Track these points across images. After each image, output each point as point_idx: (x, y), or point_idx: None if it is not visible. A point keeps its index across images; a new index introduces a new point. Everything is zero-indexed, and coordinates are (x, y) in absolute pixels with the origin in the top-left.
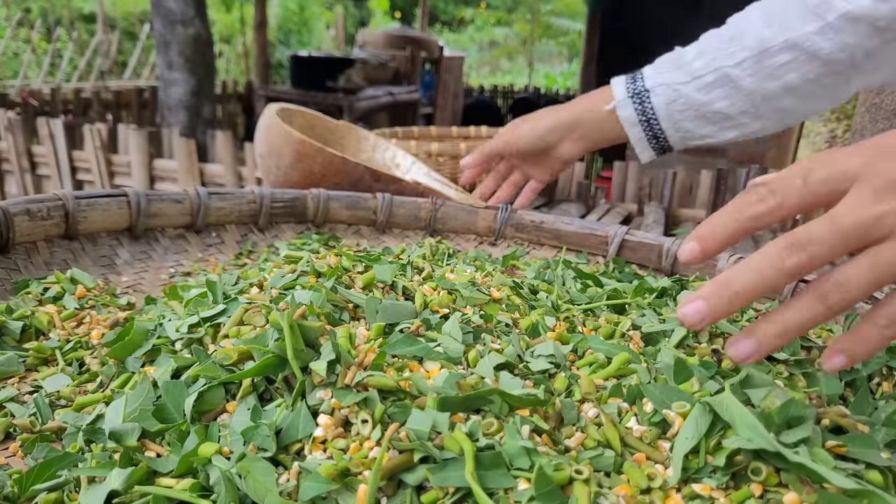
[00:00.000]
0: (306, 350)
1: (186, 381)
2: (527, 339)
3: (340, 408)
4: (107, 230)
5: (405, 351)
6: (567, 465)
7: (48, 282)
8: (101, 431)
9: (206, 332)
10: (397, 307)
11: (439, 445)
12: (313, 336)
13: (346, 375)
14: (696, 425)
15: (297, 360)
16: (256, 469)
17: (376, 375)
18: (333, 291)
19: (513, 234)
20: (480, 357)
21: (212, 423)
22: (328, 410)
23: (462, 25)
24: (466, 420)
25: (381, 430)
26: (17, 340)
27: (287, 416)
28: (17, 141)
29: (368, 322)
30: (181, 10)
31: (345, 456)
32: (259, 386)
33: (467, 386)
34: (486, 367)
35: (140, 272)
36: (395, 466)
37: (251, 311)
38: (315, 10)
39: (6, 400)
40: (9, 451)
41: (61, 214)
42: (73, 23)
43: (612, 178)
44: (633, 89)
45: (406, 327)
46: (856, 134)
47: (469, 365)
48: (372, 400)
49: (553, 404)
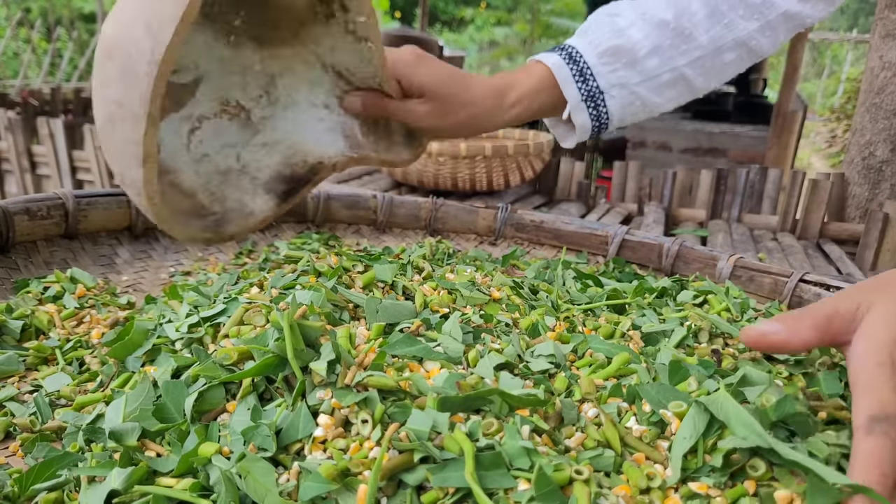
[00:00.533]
0: (306, 350)
1: (186, 381)
2: (527, 338)
3: (340, 408)
4: (107, 229)
5: (405, 351)
6: (567, 465)
7: (48, 281)
8: (100, 431)
9: (206, 332)
10: (397, 307)
11: (439, 445)
12: (314, 336)
13: (347, 375)
14: (694, 425)
15: (298, 359)
16: (256, 469)
17: (376, 375)
18: (334, 291)
19: (513, 233)
20: (480, 357)
21: (212, 423)
22: (328, 410)
23: (462, 25)
24: (466, 420)
25: (382, 430)
26: (17, 340)
27: (287, 416)
28: (17, 140)
29: (369, 322)
30: None
31: (345, 456)
32: (259, 386)
33: (467, 386)
34: (486, 367)
35: (140, 271)
36: (395, 466)
37: (251, 311)
38: None
39: (6, 399)
40: (9, 451)
41: (61, 213)
42: (73, 22)
43: (612, 178)
44: (587, 91)
45: (406, 327)
46: (856, 133)
47: (469, 365)
48: (372, 400)
49: (553, 404)
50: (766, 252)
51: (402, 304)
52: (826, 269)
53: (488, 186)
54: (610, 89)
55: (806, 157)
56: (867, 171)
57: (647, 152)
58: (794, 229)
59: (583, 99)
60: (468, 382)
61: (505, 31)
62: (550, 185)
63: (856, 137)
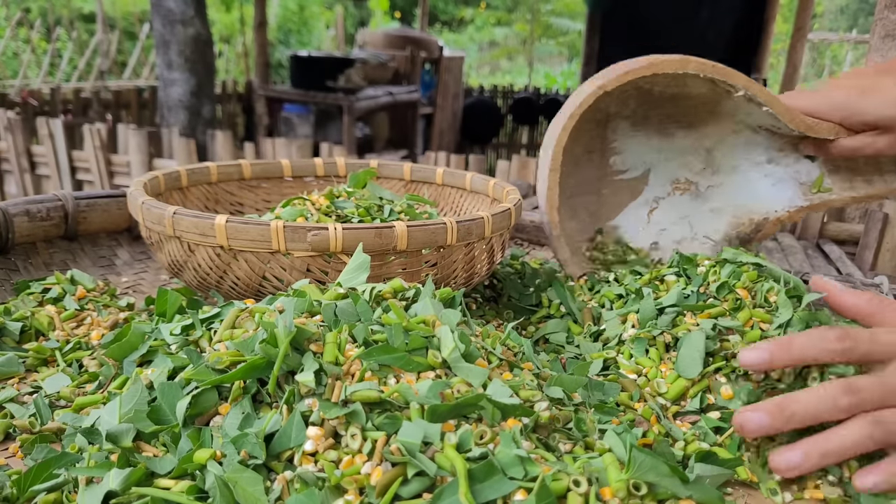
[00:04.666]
0: (292, 354)
1: (180, 383)
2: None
3: (329, 420)
4: (106, 231)
5: (384, 359)
6: (566, 475)
7: (48, 283)
8: (97, 432)
9: (202, 335)
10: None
11: (432, 458)
12: (303, 339)
13: (332, 391)
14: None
15: (286, 365)
16: (244, 480)
17: (361, 390)
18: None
19: (513, 234)
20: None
21: (204, 428)
22: (318, 421)
23: (462, 25)
24: (457, 428)
25: (372, 443)
26: (16, 341)
27: (278, 421)
28: (17, 141)
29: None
30: (181, 10)
31: (336, 471)
32: (251, 388)
33: (451, 396)
34: (473, 372)
35: (140, 273)
36: (388, 482)
37: (243, 317)
38: (315, 10)
39: (6, 400)
40: (8, 452)
41: (61, 215)
42: (72, 23)
43: None
44: None
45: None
46: None
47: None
48: (358, 414)
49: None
50: (766, 252)
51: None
52: (826, 269)
53: None
54: None
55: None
56: None
57: None
58: (794, 229)
59: None
60: (450, 392)
61: (505, 32)
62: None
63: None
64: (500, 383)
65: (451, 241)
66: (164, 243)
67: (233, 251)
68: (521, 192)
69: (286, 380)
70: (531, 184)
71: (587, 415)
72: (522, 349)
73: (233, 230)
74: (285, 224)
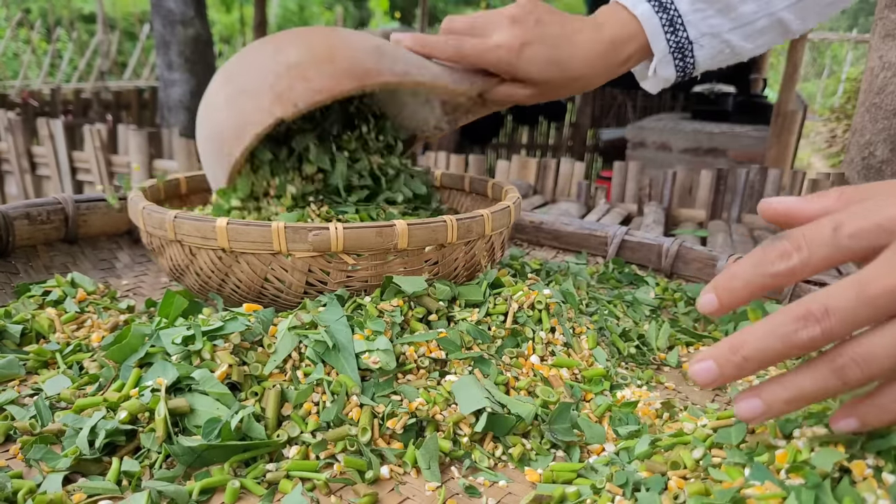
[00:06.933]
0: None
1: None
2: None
3: None
4: (106, 234)
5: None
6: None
7: (49, 285)
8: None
9: (204, 346)
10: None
11: None
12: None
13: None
14: None
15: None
16: None
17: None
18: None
19: (512, 234)
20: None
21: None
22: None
23: None
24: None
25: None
26: (17, 344)
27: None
28: (17, 141)
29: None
30: (181, 11)
31: None
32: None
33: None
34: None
35: (140, 275)
36: None
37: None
38: (315, 11)
39: (7, 402)
40: (9, 454)
41: (61, 218)
42: (72, 23)
43: (612, 178)
44: (675, 42)
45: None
46: (856, 133)
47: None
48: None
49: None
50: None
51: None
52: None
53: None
54: (699, 38)
55: (806, 157)
56: (867, 171)
57: (647, 152)
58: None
59: (671, 51)
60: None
61: None
62: (550, 185)
63: (855, 137)
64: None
65: (451, 240)
66: (166, 248)
67: (234, 253)
68: (521, 192)
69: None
70: (531, 184)
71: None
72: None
73: (234, 232)
74: (286, 224)
